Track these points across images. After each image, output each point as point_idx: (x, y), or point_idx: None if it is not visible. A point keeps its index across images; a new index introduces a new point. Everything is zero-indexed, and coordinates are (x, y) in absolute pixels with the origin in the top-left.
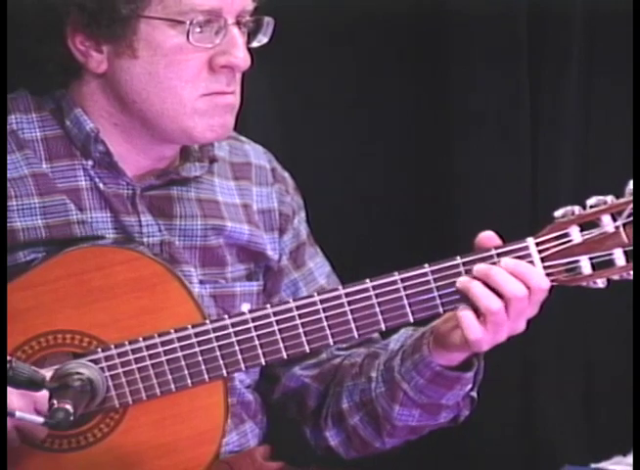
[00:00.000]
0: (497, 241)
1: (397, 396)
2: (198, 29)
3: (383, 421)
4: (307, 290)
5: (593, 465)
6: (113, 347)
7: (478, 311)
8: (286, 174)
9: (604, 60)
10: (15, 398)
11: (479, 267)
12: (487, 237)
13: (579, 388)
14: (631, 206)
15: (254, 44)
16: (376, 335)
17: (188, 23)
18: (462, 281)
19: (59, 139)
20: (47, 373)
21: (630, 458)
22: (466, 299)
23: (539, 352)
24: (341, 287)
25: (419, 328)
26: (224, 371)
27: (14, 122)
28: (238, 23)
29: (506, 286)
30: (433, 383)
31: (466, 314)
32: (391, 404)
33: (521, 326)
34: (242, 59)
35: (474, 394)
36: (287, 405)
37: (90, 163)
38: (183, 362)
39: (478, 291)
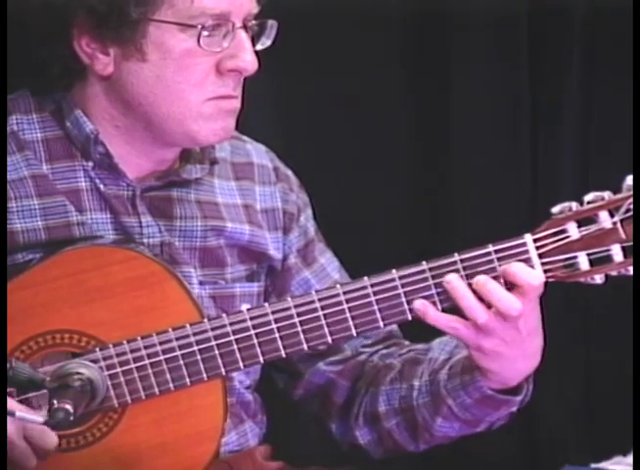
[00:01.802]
0: None
1: (441, 409)
2: (207, 33)
3: (421, 430)
4: (321, 286)
5: (593, 465)
6: (111, 346)
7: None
8: (289, 172)
9: (604, 60)
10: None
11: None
12: None
13: (579, 388)
14: (629, 201)
15: (258, 47)
16: (396, 329)
17: (199, 27)
18: (454, 287)
19: (59, 140)
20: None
21: (630, 458)
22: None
23: None
24: (338, 285)
25: None
26: (222, 370)
27: (14, 123)
28: (244, 27)
29: (500, 304)
30: (480, 403)
31: (438, 318)
32: (434, 416)
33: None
34: (250, 62)
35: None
36: (311, 401)
37: (90, 164)
38: (181, 361)
39: (467, 303)
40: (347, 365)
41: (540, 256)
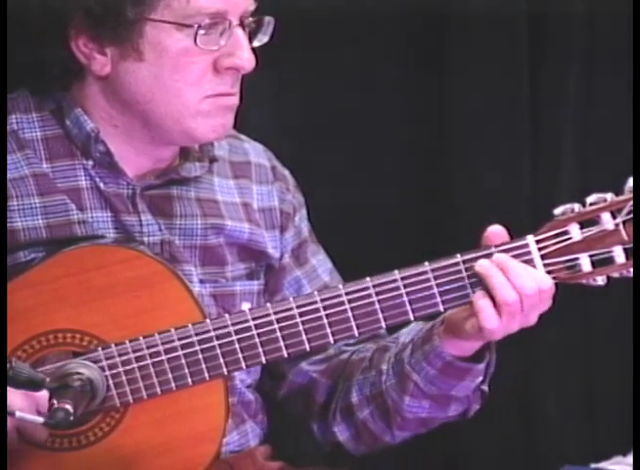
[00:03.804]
0: (505, 236)
1: (407, 387)
2: (203, 32)
3: (393, 413)
4: (311, 287)
5: (593, 465)
6: (113, 346)
7: (494, 301)
8: (286, 172)
9: (604, 60)
10: (17, 398)
11: (499, 256)
12: (495, 233)
13: (579, 388)
14: (631, 203)
15: (255, 44)
16: (382, 330)
17: (196, 26)
18: (483, 266)
19: (59, 139)
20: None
21: (630, 458)
22: (483, 284)
23: (539, 351)
24: (341, 286)
25: (429, 322)
26: (224, 370)
27: (14, 122)
28: (241, 24)
29: (519, 280)
30: (443, 373)
31: (484, 304)
32: (401, 396)
33: (532, 319)
34: (247, 60)
35: (485, 387)
36: (294, 401)
37: (90, 162)
38: (183, 361)
39: (497, 281)
40: (330, 364)
41: (542, 257)
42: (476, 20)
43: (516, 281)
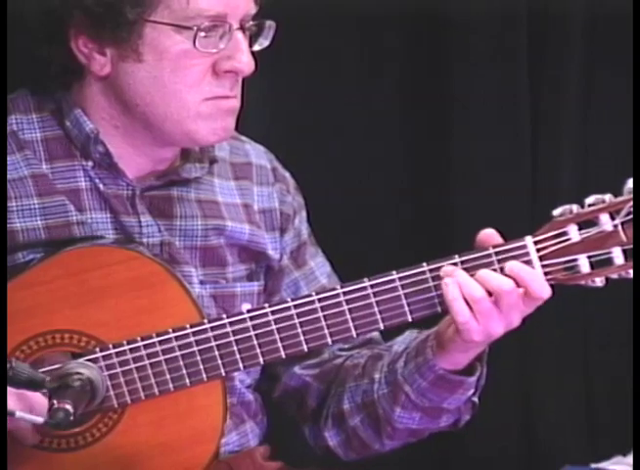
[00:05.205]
0: (498, 238)
1: (399, 398)
2: (203, 34)
3: (383, 423)
4: (309, 289)
5: (593, 465)
6: (111, 346)
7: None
8: (287, 174)
9: (604, 60)
10: (12, 401)
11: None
12: (488, 235)
13: (579, 388)
14: (630, 204)
15: (256, 48)
16: (377, 336)
17: (195, 28)
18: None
19: (59, 140)
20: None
21: (630, 458)
22: None
23: (539, 352)
24: (339, 286)
25: (423, 331)
26: (222, 371)
27: (14, 123)
28: (241, 28)
29: (492, 281)
30: (435, 386)
31: (454, 298)
32: (393, 406)
33: (515, 321)
34: (246, 63)
35: (475, 399)
36: (287, 404)
37: (90, 163)
38: (181, 362)
39: (448, 288)
40: (323, 369)
41: (541, 258)
42: (476, 20)
43: (464, 291)
